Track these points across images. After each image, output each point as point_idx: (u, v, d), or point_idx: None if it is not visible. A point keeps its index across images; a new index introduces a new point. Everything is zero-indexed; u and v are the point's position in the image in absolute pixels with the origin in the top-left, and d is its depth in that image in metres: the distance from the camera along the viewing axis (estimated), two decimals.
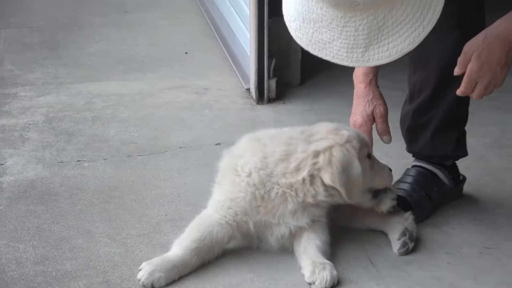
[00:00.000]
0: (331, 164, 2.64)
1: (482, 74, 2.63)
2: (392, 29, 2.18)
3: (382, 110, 2.89)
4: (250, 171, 2.72)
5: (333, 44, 2.23)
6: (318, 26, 2.23)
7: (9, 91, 4.28)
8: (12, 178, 3.36)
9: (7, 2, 5.95)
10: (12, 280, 2.67)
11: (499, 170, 3.43)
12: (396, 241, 2.82)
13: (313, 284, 2.58)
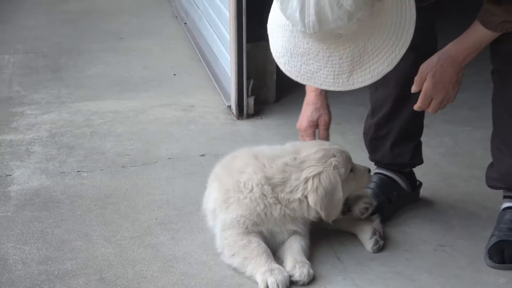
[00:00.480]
0: (316, 190, 2.65)
1: (436, 91, 2.63)
2: (372, 54, 2.16)
3: (327, 119, 2.85)
4: (252, 187, 2.70)
5: (320, 73, 2.20)
6: (306, 59, 2.19)
7: (17, 109, 4.26)
8: (19, 187, 3.33)
9: (15, 31, 5.95)
10: (18, 278, 2.65)
11: (452, 176, 3.43)
12: (369, 240, 2.82)
13: (293, 276, 2.58)
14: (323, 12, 2.01)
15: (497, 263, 2.71)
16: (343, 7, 2.00)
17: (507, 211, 2.86)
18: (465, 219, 3.06)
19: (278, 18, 2.20)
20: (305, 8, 2.02)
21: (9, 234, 2.95)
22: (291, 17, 2.07)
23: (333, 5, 2.00)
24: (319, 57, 2.17)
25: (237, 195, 2.73)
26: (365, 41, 2.13)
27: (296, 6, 2.03)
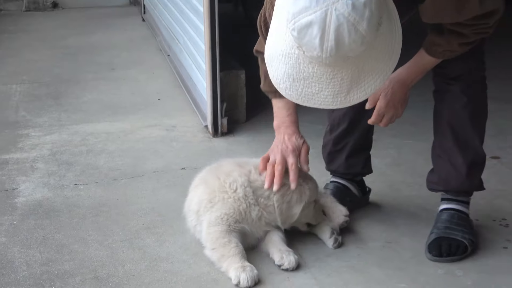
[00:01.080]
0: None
1: (388, 109, 2.65)
2: (368, 73, 2.10)
3: (308, 147, 2.82)
4: (236, 188, 2.71)
5: (320, 94, 2.13)
6: (308, 82, 2.11)
7: (22, 132, 4.23)
8: (24, 199, 3.31)
9: (21, 64, 5.94)
10: (23, 278, 2.62)
11: (396, 183, 3.44)
12: (329, 239, 2.82)
13: (283, 265, 2.60)
14: (342, 37, 1.96)
15: (436, 256, 2.71)
16: (358, 32, 1.96)
17: (444, 212, 2.87)
18: (408, 219, 3.06)
19: (280, 48, 2.10)
20: (325, 34, 1.96)
21: (15, 240, 2.92)
22: (308, 43, 1.99)
23: (351, 30, 1.95)
24: (322, 80, 2.09)
25: (222, 195, 2.72)
26: (364, 62, 2.08)
27: (317, 33, 1.96)
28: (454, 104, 2.77)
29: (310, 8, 1.95)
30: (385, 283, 2.57)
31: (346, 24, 1.94)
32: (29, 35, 7.09)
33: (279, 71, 2.13)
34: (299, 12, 1.96)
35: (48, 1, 8.57)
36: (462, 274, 2.62)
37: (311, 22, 1.95)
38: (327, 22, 1.94)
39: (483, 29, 2.45)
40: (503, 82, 5.02)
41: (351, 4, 1.93)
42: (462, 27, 2.44)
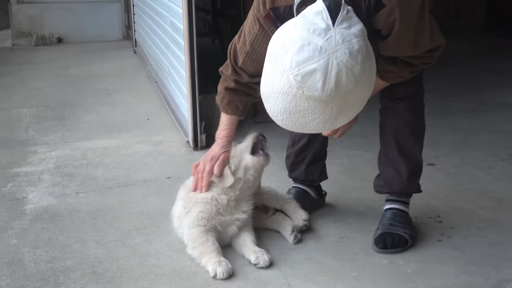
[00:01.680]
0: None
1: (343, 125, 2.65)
2: (352, 102, 2.16)
3: (225, 157, 2.78)
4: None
5: (313, 122, 2.16)
6: (303, 114, 2.13)
7: (31, 149, 4.20)
8: (32, 206, 3.27)
9: (30, 91, 5.89)
10: (31, 274, 2.60)
11: (348, 187, 3.45)
12: (290, 235, 2.81)
13: (258, 264, 2.58)
14: (340, 79, 2.04)
15: (381, 248, 2.72)
16: (354, 73, 2.05)
17: (388, 211, 2.88)
18: (358, 217, 3.07)
19: (277, 87, 2.12)
20: (327, 78, 2.03)
21: (25, 241, 2.89)
22: (311, 86, 2.05)
23: (348, 73, 2.04)
24: (315, 111, 2.12)
25: (194, 200, 2.75)
26: (350, 94, 2.12)
27: (320, 78, 2.03)
28: (398, 120, 2.79)
29: (314, 58, 2.03)
30: (340, 272, 2.57)
31: (345, 69, 2.04)
32: (37, 66, 7.05)
33: (276, 106, 2.16)
34: (303, 61, 2.03)
35: (54, 37, 8.53)
36: (404, 263, 2.63)
37: (315, 69, 2.03)
38: (329, 68, 2.03)
39: (429, 60, 2.51)
40: (438, 100, 5.07)
41: (348, 53, 2.04)
42: (414, 59, 2.48)
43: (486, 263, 2.62)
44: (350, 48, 2.04)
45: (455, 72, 6.18)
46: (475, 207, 3.17)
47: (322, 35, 2.04)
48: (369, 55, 2.14)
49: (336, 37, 2.05)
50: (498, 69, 6.31)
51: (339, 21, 2.07)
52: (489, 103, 5.11)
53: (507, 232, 2.89)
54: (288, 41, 2.09)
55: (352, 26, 2.10)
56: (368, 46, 2.15)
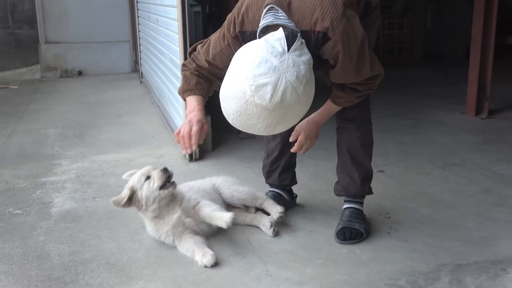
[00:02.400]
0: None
1: (306, 141, 2.67)
2: (291, 114, 2.17)
3: (207, 128, 2.56)
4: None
5: (256, 126, 2.16)
6: (250, 117, 2.14)
7: (56, 161, 4.14)
8: (57, 209, 3.22)
9: (56, 114, 5.82)
10: (56, 265, 2.57)
11: (314, 190, 3.43)
12: (269, 229, 2.78)
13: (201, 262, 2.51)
14: (285, 96, 2.07)
15: (342, 240, 2.71)
16: (297, 93, 2.09)
17: (346, 209, 2.87)
18: (323, 215, 3.05)
19: (233, 92, 2.12)
20: (275, 92, 2.06)
21: (51, 238, 2.85)
22: (261, 96, 2.07)
23: (292, 92, 2.07)
24: (260, 117, 2.13)
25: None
26: (290, 108, 2.14)
27: (269, 91, 2.05)
28: (350, 137, 2.79)
29: (268, 74, 2.06)
30: (308, 260, 2.56)
31: (290, 88, 2.07)
32: (61, 94, 6.98)
33: (230, 106, 2.16)
34: (259, 75, 2.06)
35: (75, 71, 8.47)
36: (360, 252, 2.62)
37: (267, 83, 2.06)
38: (278, 85, 2.06)
39: (371, 87, 2.51)
40: (386, 119, 5.08)
41: (296, 75, 2.08)
42: (358, 85, 2.49)
43: (427, 251, 2.61)
44: (298, 72, 2.08)
45: (399, 96, 6.21)
46: (416, 205, 3.17)
47: (278, 57, 2.07)
48: (311, 80, 2.17)
49: (288, 61, 2.08)
50: (433, 93, 6.35)
51: (293, 49, 2.11)
52: (427, 120, 5.13)
53: (443, 225, 2.89)
54: (250, 56, 2.10)
55: (303, 55, 2.14)
56: (311, 74, 2.17)
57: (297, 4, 2.30)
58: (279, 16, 2.29)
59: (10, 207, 3.28)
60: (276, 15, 2.29)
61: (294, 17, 2.29)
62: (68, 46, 8.49)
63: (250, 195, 2.96)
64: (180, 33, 3.96)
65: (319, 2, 2.28)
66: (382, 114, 5.21)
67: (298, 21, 2.29)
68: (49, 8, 8.38)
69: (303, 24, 2.29)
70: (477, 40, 5.09)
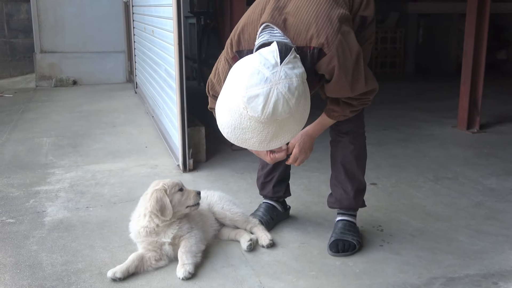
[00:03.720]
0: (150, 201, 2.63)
1: (300, 154, 2.67)
2: (285, 131, 2.17)
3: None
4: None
5: (251, 140, 2.16)
6: (244, 131, 2.14)
7: (50, 171, 4.12)
8: (50, 218, 3.20)
9: (50, 123, 5.79)
10: (49, 275, 2.54)
11: (307, 202, 3.42)
12: (246, 242, 2.74)
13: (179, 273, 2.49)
14: (277, 107, 2.06)
15: (335, 252, 2.70)
16: (289, 105, 2.07)
17: (339, 222, 2.87)
18: (316, 227, 3.04)
19: (228, 105, 2.13)
20: (267, 104, 2.05)
21: (43, 248, 2.82)
22: (253, 108, 2.06)
23: (284, 104, 2.06)
24: (254, 131, 2.13)
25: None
26: (284, 123, 2.14)
27: (261, 102, 2.05)
28: (345, 150, 2.79)
29: (260, 85, 2.06)
30: (301, 271, 2.54)
31: (282, 100, 2.06)
32: (56, 104, 6.96)
33: (224, 120, 2.16)
34: (251, 86, 2.06)
35: (70, 80, 8.45)
36: (353, 264, 2.61)
37: (258, 94, 2.05)
38: (270, 96, 2.05)
39: (365, 102, 2.52)
40: (378, 132, 5.10)
41: (288, 87, 2.07)
42: (352, 100, 2.49)
43: (419, 264, 2.60)
44: (290, 84, 2.08)
45: (392, 110, 6.23)
46: (409, 218, 3.16)
47: (270, 69, 2.08)
48: (305, 96, 2.17)
49: (280, 73, 2.08)
50: (426, 107, 6.38)
51: (286, 62, 2.12)
52: (418, 134, 5.15)
53: (435, 238, 2.89)
54: (243, 69, 2.11)
55: (296, 68, 2.14)
56: (305, 88, 2.17)
57: (292, 20, 2.32)
58: (274, 33, 2.32)
59: (3, 216, 3.25)
60: (272, 33, 2.32)
61: (290, 34, 2.31)
62: (63, 56, 8.48)
63: (242, 218, 2.92)
64: (176, 45, 3.96)
65: (314, 19, 2.30)
66: (374, 128, 5.23)
67: (293, 38, 2.31)
68: (45, 18, 8.37)
69: (298, 40, 2.31)
70: (468, 55, 5.13)
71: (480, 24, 5.01)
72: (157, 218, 2.61)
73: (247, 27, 2.44)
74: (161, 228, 2.62)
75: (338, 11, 2.33)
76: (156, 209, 2.58)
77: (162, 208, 2.59)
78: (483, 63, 5.11)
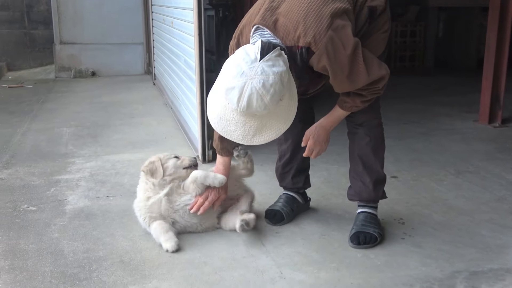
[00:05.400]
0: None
1: (316, 146, 2.66)
2: (268, 128, 2.26)
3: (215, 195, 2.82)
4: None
5: (235, 133, 2.26)
6: (229, 123, 2.24)
7: (70, 160, 4.14)
8: (71, 207, 3.22)
9: (70, 114, 5.83)
10: (70, 262, 2.55)
11: (328, 194, 3.40)
12: (239, 222, 2.73)
13: (165, 247, 2.65)
14: (251, 102, 2.13)
15: (356, 244, 2.68)
16: (263, 101, 2.14)
17: (360, 214, 2.84)
18: (336, 219, 3.02)
19: (216, 96, 2.26)
20: (241, 97, 2.14)
21: (65, 235, 2.84)
22: (230, 99, 2.17)
23: (258, 99, 2.13)
24: (237, 124, 2.23)
25: None
26: (266, 120, 2.23)
27: (235, 95, 2.14)
28: (361, 142, 2.76)
29: (236, 78, 2.16)
30: (322, 263, 2.53)
31: (256, 95, 2.15)
32: (75, 94, 7.01)
33: (212, 111, 2.29)
34: (230, 78, 2.17)
35: (89, 71, 8.50)
36: (374, 257, 2.59)
37: (234, 87, 2.17)
38: (244, 90, 2.15)
39: (375, 91, 2.50)
40: (399, 126, 5.05)
41: (262, 83, 2.15)
42: (361, 91, 2.49)
43: (441, 258, 2.58)
44: (265, 80, 2.15)
45: (412, 104, 6.17)
46: (430, 211, 3.13)
47: (248, 64, 2.16)
48: (289, 95, 2.26)
49: (257, 69, 2.15)
50: (446, 102, 6.31)
51: (266, 59, 2.19)
52: (439, 128, 5.09)
53: (457, 232, 2.86)
54: (228, 61, 2.25)
55: (275, 66, 2.20)
56: (289, 87, 2.25)
57: (282, 21, 2.37)
58: (265, 35, 2.39)
59: (24, 203, 3.28)
60: (262, 34, 2.39)
61: (279, 34, 2.37)
62: (82, 47, 8.53)
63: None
64: (196, 36, 3.95)
65: (303, 18, 2.34)
66: (394, 122, 5.18)
67: (283, 38, 2.37)
68: (65, 9, 8.42)
69: (287, 40, 2.37)
70: (491, 50, 5.06)
71: (503, 18, 4.94)
72: (151, 178, 2.80)
73: (245, 28, 2.53)
74: (158, 187, 2.79)
75: (332, 6, 2.34)
76: (147, 168, 2.81)
77: (153, 170, 2.80)
78: (506, 57, 5.04)
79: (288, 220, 2.96)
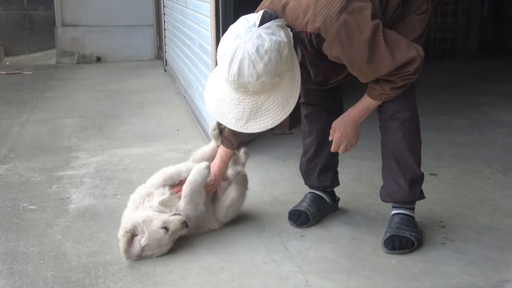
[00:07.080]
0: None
1: (343, 139, 2.66)
2: (264, 112, 2.30)
3: (213, 187, 2.92)
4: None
5: (228, 115, 2.30)
6: (221, 102, 2.30)
7: (74, 154, 4.19)
8: (75, 206, 3.26)
9: (73, 103, 5.90)
10: (74, 267, 2.58)
11: (358, 194, 3.40)
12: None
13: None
14: (242, 68, 2.17)
15: (390, 250, 2.67)
16: (255, 69, 2.17)
17: (395, 216, 2.82)
18: (368, 221, 3.02)
19: (213, 73, 2.36)
20: (232, 62, 2.18)
21: (68, 237, 2.87)
22: (222, 66, 2.23)
23: (249, 65, 2.17)
24: (230, 104, 2.27)
25: None
26: (262, 101, 2.26)
27: (227, 60, 2.20)
28: (394, 137, 2.73)
29: (230, 41, 2.21)
30: (352, 270, 2.52)
31: (247, 60, 2.18)
32: (79, 82, 7.08)
33: (208, 88, 2.38)
34: (224, 43, 2.24)
35: (93, 56, 8.57)
36: (411, 264, 2.58)
37: (226, 51, 2.21)
38: (236, 53, 2.19)
39: (406, 76, 2.44)
40: (438, 117, 5.01)
41: (256, 48, 2.17)
42: (390, 77, 2.46)
43: (486, 265, 2.56)
44: (259, 45, 2.17)
45: (453, 93, 6.12)
46: (474, 213, 3.11)
47: (246, 28, 2.22)
48: (289, 74, 2.29)
49: (254, 33, 2.19)
50: (492, 90, 6.25)
51: (266, 26, 2.24)
52: (484, 120, 5.05)
53: (504, 237, 2.84)
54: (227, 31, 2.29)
55: (274, 35, 2.23)
56: (289, 65, 2.27)
57: (292, 4, 2.39)
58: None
59: (24, 202, 3.33)
60: None
61: (288, 18, 2.39)
62: (86, 30, 8.59)
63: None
64: (213, 17, 3.96)
65: (314, 1, 2.34)
66: (433, 112, 5.14)
67: (291, 22, 2.38)
68: None
69: (296, 24, 2.38)
70: None
71: None
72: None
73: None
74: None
75: None
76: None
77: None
78: None
79: (314, 222, 2.96)
